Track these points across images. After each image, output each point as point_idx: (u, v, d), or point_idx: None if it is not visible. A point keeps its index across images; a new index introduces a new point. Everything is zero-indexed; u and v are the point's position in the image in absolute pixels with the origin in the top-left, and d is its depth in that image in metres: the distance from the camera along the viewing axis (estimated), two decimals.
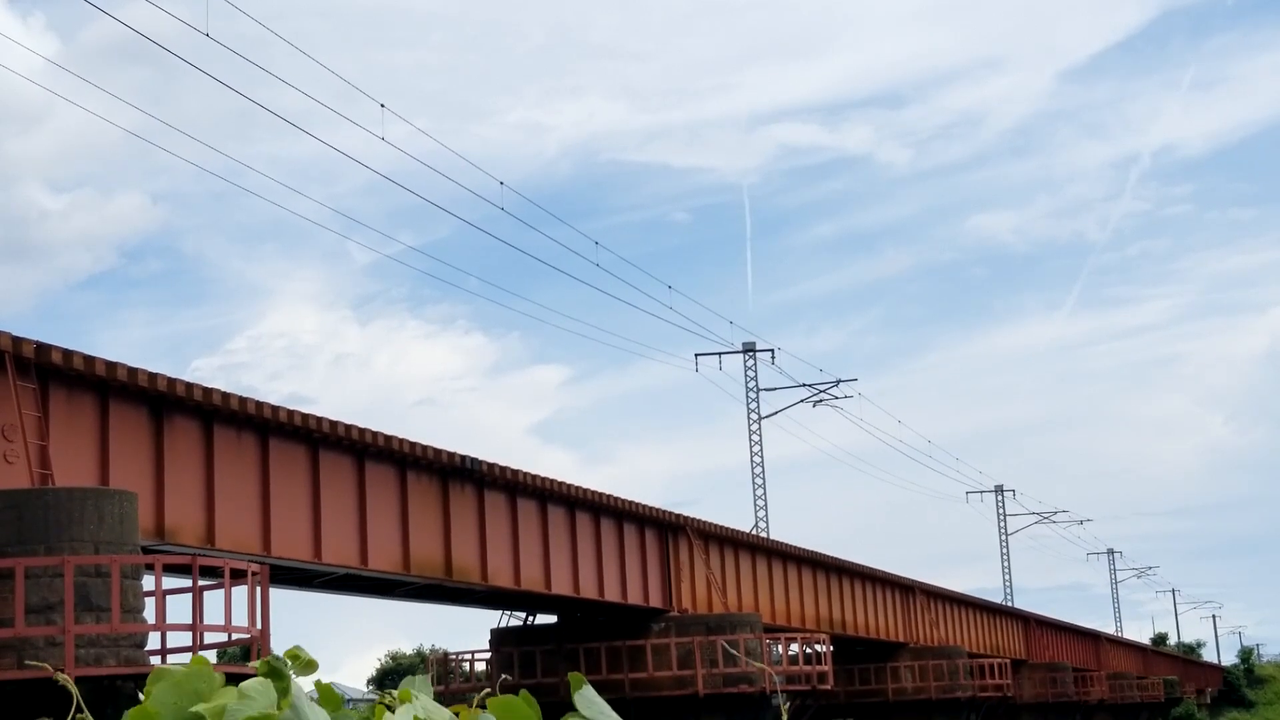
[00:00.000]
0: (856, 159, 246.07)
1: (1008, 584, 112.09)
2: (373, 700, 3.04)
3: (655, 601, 43.69)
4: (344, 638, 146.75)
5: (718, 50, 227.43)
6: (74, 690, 2.98)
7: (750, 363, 73.16)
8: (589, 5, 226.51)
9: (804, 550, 53.95)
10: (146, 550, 24.14)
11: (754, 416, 72.62)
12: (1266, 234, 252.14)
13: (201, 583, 22.68)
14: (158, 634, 22.57)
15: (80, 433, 24.98)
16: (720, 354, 71.93)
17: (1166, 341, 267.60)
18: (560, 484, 38.70)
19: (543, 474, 38.05)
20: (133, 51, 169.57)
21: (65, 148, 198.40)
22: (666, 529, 44.77)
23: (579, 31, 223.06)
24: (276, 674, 2.85)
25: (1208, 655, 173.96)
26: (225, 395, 27.43)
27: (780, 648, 47.65)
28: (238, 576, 22.71)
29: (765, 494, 71.02)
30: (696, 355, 71.80)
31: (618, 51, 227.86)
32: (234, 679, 2.78)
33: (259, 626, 22.78)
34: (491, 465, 35.73)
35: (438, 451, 33.60)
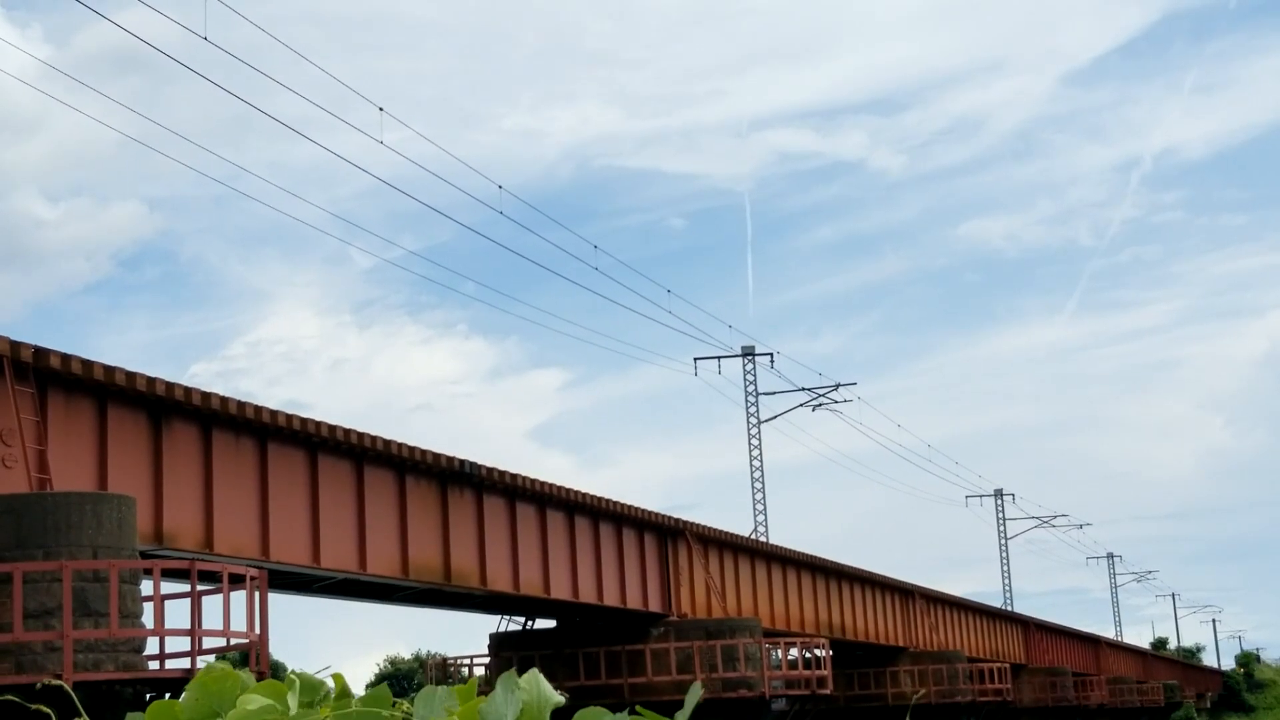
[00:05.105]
0: (850, 165, 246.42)
1: (1007, 588, 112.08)
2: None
3: (654, 606, 43.65)
4: (342, 642, 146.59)
5: (711, 57, 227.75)
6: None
7: (749, 366, 73.16)
8: (583, 13, 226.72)
9: (803, 554, 53.90)
10: (145, 555, 24.12)
11: (753, 420, 72.61)
12: (1264, 238, 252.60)
13: (200, 587, 22.65)
14: (156, 639, 22.53)
15: (79, 437, 24.95)
16: (719, 358, 71.97)
17: (1166, 345, 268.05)
18: (559, 488, 38.65)
19: (541, 478, 38.02)
20: (126, 59, 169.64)
21: (60, 156, 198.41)
22: (666, 533, 44.73)
23: (573, 39, 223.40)
24: (311, 688, 2.86)
25: (1208, 659, 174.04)
26: (224, 400, 27.39)
27: (780, 652, 47.58)
28: (236, 581, 22.67)
29: (764, 498, 71.03)
30: (695, 359, 71.87)
31: (612, 58, 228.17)
32: None
33: (258, 631, 22.75)
34: (490, 469, 35.68)
35: (436, 456, 33.55)
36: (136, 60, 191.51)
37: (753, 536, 59.50)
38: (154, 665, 22.36)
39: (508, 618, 44.35)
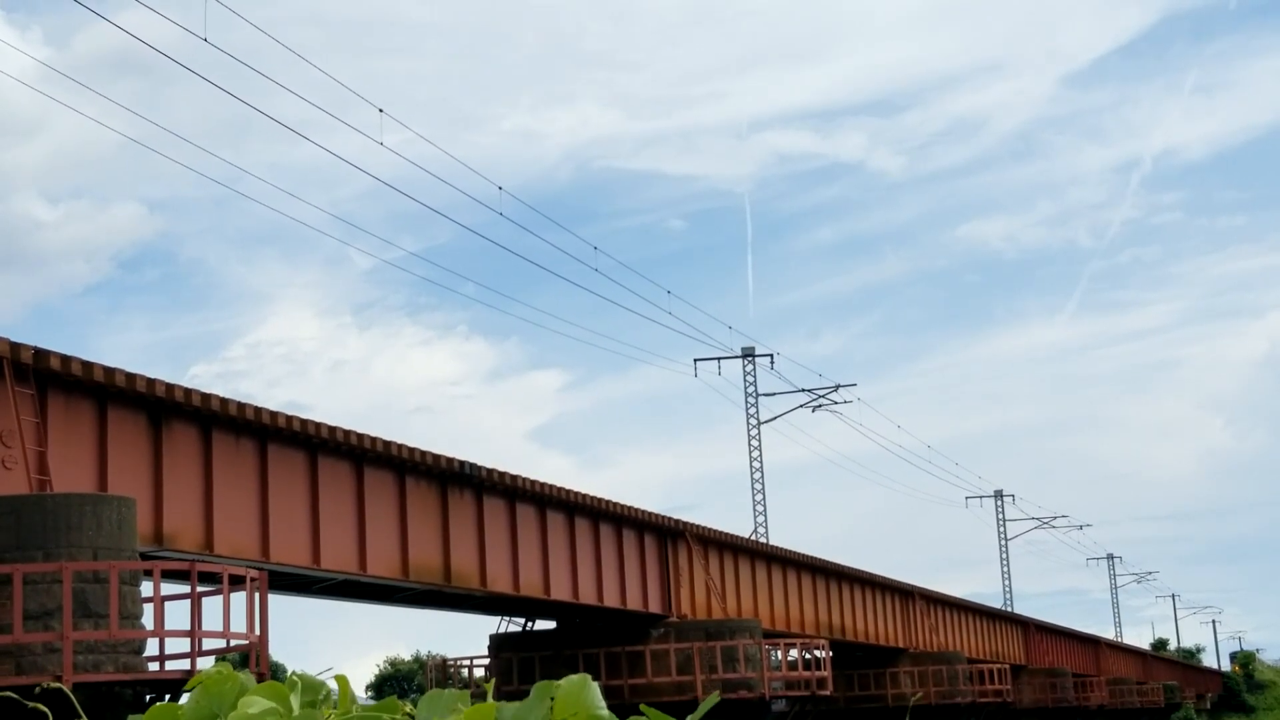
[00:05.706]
0: (850, 166, 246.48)
1: (1007, 589, 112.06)
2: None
3: (655, 607, 43.63)
4: (342, 643, 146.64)
5: (710, 58, 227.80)
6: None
7: (749, 368, 73.12)
8: (582, 14, 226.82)
9: (803, 555, 53.89)
10: (145, 556, 24.10)
11: (753, 421, 72.58)
12: (1264, 239, 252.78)
13: (200, 589, 22.64)
14: (156, 640, 22.52)
15: (78, 438, 24.94)
16: (719, 359, 71.95)
17: (1166, 346, 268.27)
18: (559, 489, 38.62)
19: (541, 479, 37.99)
20: (126, 61, 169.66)
21: (60, 157, 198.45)
22: (666, 534, 44.71)
23: (573, 40, 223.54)
24: (311, 688, 2.86)
25: (1208, 660, 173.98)
26: (224, 401, 27.38)
27: (780, 653, 47.56)
28: (236, 582, 22.66)
29: (764, 499, 71.01)
30: (695, 360, 71.83)
31: (611, 60, 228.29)
32: None
33: (258, 633, 22.74)
34: (490, 470, 35.66)
35: (436, 457, 33.54)
36: (136, 62, 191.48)
37: (753, 537, 59.49)
38: (154, 666, 22.35)
39: (508, 619, 44.32)
